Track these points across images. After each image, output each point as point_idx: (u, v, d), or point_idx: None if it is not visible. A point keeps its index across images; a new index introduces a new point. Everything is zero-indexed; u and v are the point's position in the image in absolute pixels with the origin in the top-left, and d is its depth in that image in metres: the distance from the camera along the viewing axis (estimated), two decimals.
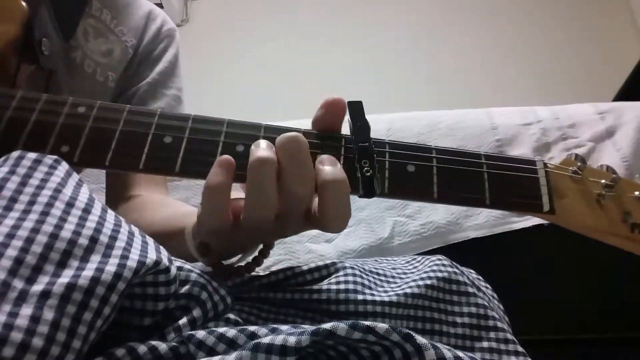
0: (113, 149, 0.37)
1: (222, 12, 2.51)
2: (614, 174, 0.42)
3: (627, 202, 0.41)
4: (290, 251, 0.85)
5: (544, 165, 0.42)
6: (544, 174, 0.41)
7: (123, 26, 0.64)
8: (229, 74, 2.30)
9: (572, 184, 0.42)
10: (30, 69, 0.46)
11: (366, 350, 0.29)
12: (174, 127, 0.38)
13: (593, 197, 0.41)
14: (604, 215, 0.41)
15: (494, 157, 0.41)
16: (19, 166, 0.29)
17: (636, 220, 0.41)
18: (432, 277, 0.43)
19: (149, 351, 0.29)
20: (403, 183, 0.39)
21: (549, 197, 0.40)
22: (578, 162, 0.42)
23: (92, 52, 0.59)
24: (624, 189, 0.42)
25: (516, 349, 0.41)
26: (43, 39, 0.46)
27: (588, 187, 0.42)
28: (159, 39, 0.70)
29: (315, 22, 2.40)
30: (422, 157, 0.40)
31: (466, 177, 0.40)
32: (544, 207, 0.40)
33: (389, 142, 0.40)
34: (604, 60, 2.09)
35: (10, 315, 0.23)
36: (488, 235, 0.84)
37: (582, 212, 0.41)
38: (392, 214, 0.87)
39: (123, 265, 0.27)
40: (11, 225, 0.26)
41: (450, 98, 2.08)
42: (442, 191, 0.39)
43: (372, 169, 0.38)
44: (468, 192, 0.40)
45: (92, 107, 0.39)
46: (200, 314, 0.34)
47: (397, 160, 0.40)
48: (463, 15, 2.33)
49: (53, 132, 0.37)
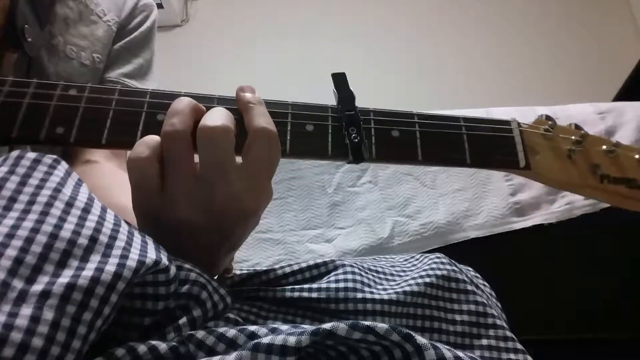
0: (108, 128, 0.38)
1: (222, 12, 2.51)
2: (582, 131, 0.45)
3: (595, 156, 0.45)
4: (290, 251, 0.85)
5: (517, 124, 0.44)
6: (518, 133, 0.44)
7: (103, 6, 0.65)
8: (229, 74, 2.30)
9: (544, 141, 0.45)
10: (14, 57, 0.46)
11: (366, 350, 0.29)
12: (166, 105, 0.39)
13: (564, 152, 0.44)
14: (574, 168, 0.44)
15: (471, 120, 0.44)
16: (18, 166, 0.29)
17: (604, 171, 0.44)
18: (431, 275, 0.43)
19: (149, 351, 0.28)
20: (389, 147, 0.41)
21: (524, 154, 0.43)
22: (549, 122, 0.45)
23: (73, 36, 0.60)
24: (592, 144, 0.45)
25: (515, 347, 0.41)
26: (25, 26, 0.46)
27: (559, 143, 0.45)
28: (135, 12, 0.71)
29: (315, 22, 2.40)
30: (406, 123, 0.42)
31: (447, 139, 0.43)
32: (520, 162, 0.43)
33: (373, 110, 0.43)
34: (604, 60, 2.09)
35: (10, 315, 0.23)
36: (488, 235, 0.84)
37: (554, 166, 0.44)
38: (392, 214, 0.87)
39: (123, 265, 0.27)
40: (11, 225, 0.26)
41: (450, 98, 2.08)
42: (426, 153, 0.42)
43: (360, 135, 0.40)
44: (450, 153, 0.42)
45: (84, 89, 0.39)
46: (200, 313, 0.34)
47: (382, 127, 0.42)
48: (463, 15, 2.33)
49: (47, 115, 0.38)
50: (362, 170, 0.93)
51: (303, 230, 0.87)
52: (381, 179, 0.92)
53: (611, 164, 0.44)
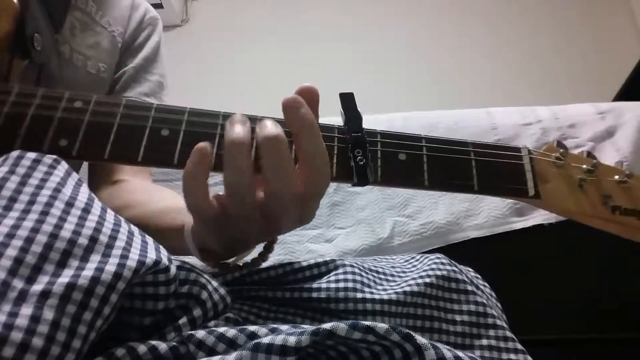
0: (112, 142, 0.38)
1: (222, 12, 2.51)
2: (594, 160, 0.44)
3: (607, 186, 0.43)
4: (290, 251, 0.85)
5: (528, 152, 0.43)
6: (528, 161, 0.43)
7: (108, 17, 0.65)
8: (229, 74, 2.30)
9: (555, 169, 0.43)
10: (22, 65, 0.46)
11: (366, 350, 0.29)
12: (171, 120, 0.39)
13: (575, 181, 0.43)
14: (585, 198, 0.43)
15: (481, 145, 0.43)
16: (18, 166, 0.29)
17: (616, 202, 0.43)
18: (431, 275, 0.43)
19: (149, 351, 0.28)
20: (395, 171, 0.40)
21: (533, 182, 0.42)
22: (560, 149, 0.44)
23: (80, 45, 0.60)
24: (604, 174, 0.44)
25: (515, 347, 0.41)
26: (35, 35, 0.46)
27: (570, 172, 0.43)
28: (142, 26, 0.72)
29: (316, 22, 2.40)
30: (413, 146, 0.41)
31: (455, 164, 0.41)
32: (529, 191, 0.42)
33: (380, 132, 0.42)
34: (604, 60, 2.09)
35: (11, 315, 0.23)
36: (488, 235, 0.84)
37: (565, 196, 0.43)
38: (392, 214, 0.87)
39: (123, 265, 0.27)
40: (11, 225, 0.26)
41: (450, 98, 2.08)
42: (433, 178, 0.40)
43: (365, 158, 0.39)
44: (457, 179, 0.41)
45: (89, 101, 0.39)
46: (200, 313, 0.34)
47: (389, 150, 0.41)
48: (463, 15, 2.33)
49: (51, 127, 0.38)
50: None
51: (303, 230, 0.87)
52: None
53: (623, 194, 0.43)
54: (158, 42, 0.73)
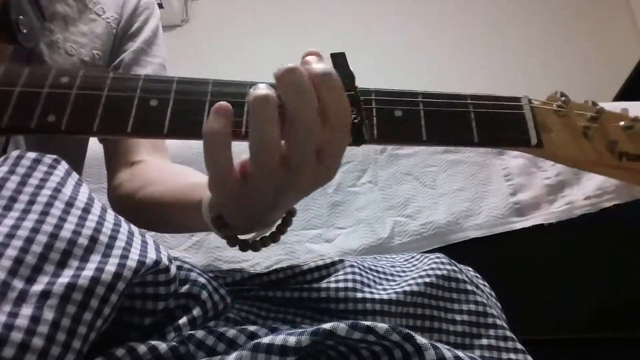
0: (100, 115, 0.37)
1: (222, 12, 2.51)
2: (597, 106, 0.42)
3: (613, 132, 0.42)
4: (290, 251, 0.85)
5: (528, 101, 0.42)
6: (529, 110, 0.42)
7: (102, 4, 0.65)
8: (229, 74, 2.29)
9: (557, 118, 0.42)
10: (10, 49, 0.46)
11: (366, 350, 0.29)
12: (159, 90, 0.38)
13: (579, 129, 0.42)
14: (590, 146, 0.41)
15: (479, 97, 0.42)
16: (18, 166, 0.29)
17: (622, 148, 0.41)
18: (431, 275, 0.43)
19: (149, 351, 0.29)
20: (391, 128, 0.40)
21: (535, 131, 0.41)
22: (562, 98, 0.43)
23: (73, 34, 0.60)
24: (609, 120, 0.42)
25: (515, 346, 0.41)
26: (20, 17, 0.46)
27: (573, 120, 0.42)
28: (137, 11, 0.71)
29: (316, 22, 2.40)
30: (409, 102, 0.41)
31: (453, 117, 0.41)
32: (531, 140, 0.40)
33: (375, 90, 0.41)
34: (604, 60, 2.09)
35: (11, 315, 0.23)
36: (488, 235, 0.84)
37: (569, 144, 0.41)
38: (392, 214, 0.87)
39: (123, 265, 0.27)
40: (11, 225, 0.26)
41: None
42: (431, 133, 0.40)
43: (360, 116, 0.38)
44: (456, 132, 0.40)
45: (76, 76, 0.39)
46: (200, 313, 0.34)
47: (384, 107, 0.40)
48: (463, 15, 2.33)
49: (39, 103, 0.37)
50: (362, 170, 0.93)
51: (303, 230, 0.87)
52: (381, 178, 0.92)
53: (629, 140, 0.42)
54: (157, 26, 0.72)
